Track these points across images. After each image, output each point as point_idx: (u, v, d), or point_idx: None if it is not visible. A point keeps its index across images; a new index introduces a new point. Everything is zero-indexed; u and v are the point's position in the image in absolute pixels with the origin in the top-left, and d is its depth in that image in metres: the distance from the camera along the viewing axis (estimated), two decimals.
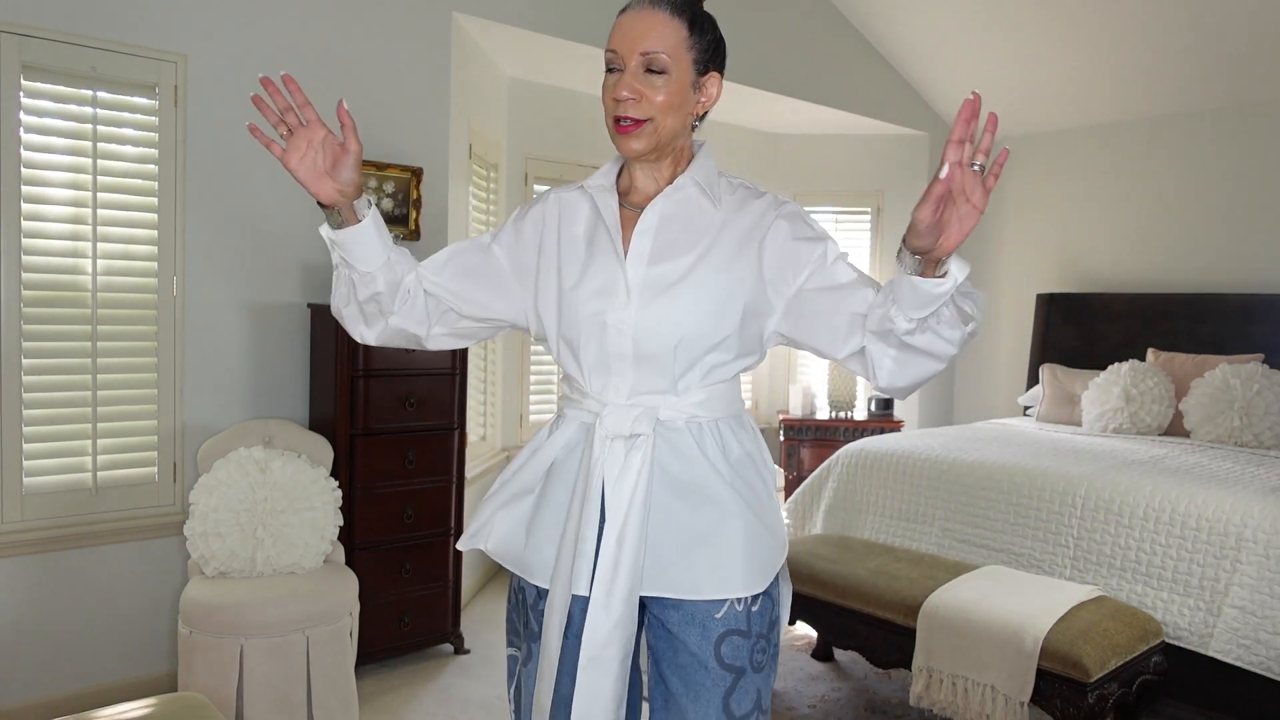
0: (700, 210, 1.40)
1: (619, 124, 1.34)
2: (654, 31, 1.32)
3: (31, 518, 2.81)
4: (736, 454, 1.40)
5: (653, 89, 1.33)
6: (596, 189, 1.43)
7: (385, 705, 3.03)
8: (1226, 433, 4.01)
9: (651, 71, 1.33)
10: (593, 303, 1.36)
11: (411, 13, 3.54)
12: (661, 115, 1.34)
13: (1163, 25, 4.32)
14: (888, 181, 5.76)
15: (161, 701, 1.83)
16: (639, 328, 1.34)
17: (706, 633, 1.35)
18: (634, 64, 1.33)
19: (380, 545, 3.23)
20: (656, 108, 1.33)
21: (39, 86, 2.78)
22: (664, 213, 1.40)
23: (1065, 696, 2.43)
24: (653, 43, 1.32)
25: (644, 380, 1.35)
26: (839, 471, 3.95)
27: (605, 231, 1.40)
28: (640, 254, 1.36)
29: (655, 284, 1.35)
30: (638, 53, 1.32)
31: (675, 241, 1.38)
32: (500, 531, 1.46)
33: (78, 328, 2.87)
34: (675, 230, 1.39)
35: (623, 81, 1.33)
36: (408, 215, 3.53)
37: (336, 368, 3.14)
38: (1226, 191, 4.70)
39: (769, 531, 1.40)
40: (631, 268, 1.36)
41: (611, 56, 1.35)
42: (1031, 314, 5.43)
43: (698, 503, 1.36)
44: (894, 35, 5.14)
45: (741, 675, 1.37)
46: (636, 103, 1.33)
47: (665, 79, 1.33)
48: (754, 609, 1.38)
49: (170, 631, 3.08)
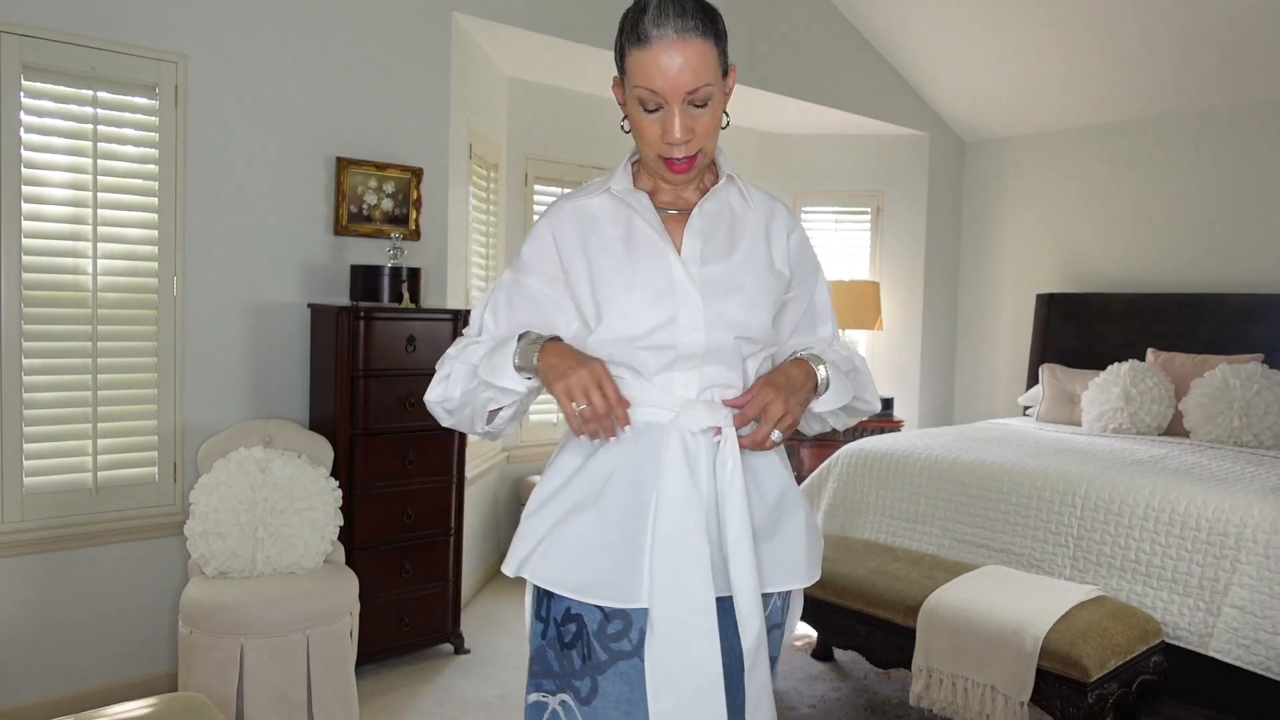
0: (734, 210, 1.42)
1: (672, 164, 1.32)
2: (694, 66, 1.26)
3: (31, 518, 2.81)
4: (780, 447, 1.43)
5: (699, 120, 1.30)
6: (624, 193, 1.40)
7: (385, 705, 3.03)
8: (1226, 433, 4.01)
9: (696, 105, 1.29)
10: (658, 304, 1.32)
11: (411, 13, 3.54)
12: (707, 141, 1.33)
13: (1163, 25, 4.32)
14: (888, 181, 5.76)
15: (161, 701, 1.83)
16: (709, 325, 1.33)
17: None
18: (680, 102, 1.27)
19: (380, 545, 3.23)
20: (704, 138, 1.31)
21: (39, 86, 2.78)
22: (706, 212, 1.40)
23: (1065, 696, 2.43)
24: (698, 77, 1.26)
25: (711, 375, 1.34)
26: (839, 471, 3.95)
27: (649, 234, 1.37)
28: (693, 253, 1.36)
29: (714, 282, 1.35)
30: (683, 91, 1.26)
31: (723, 240, 1.39)
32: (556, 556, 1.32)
33: (78, 328, 2.87)
34: (722, 229, 1.40)
35: (672, 124, 1.28)
36: (408, 215, 3.53)
37: (336, 368, 3.14)
38: (1227, 191, 4.70)
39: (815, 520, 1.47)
40: (691, 267, 1.35)
41: (649, 95, 1.28)
42: (1031, 314, 5.44)
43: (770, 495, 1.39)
44: (894, 35, 5.14)
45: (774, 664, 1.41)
46: (689, 142, 1.30)
47: (709, 106, 1.30)
48: (779, 605, 1.44)
49: (170, 631, 3.08)
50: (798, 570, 1.40)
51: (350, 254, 3.43)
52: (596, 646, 1.32)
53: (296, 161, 3.30)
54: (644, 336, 1.32)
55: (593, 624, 1.32)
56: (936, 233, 5.76)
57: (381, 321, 3.17)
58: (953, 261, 5.90)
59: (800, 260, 1.47)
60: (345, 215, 3.39)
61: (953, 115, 5.65)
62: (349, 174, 3.38)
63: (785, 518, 1.40)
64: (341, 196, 3.37)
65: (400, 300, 3.25)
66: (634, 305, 1.32)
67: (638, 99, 1.29)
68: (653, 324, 1.32)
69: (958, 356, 5.95)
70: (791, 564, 1.39)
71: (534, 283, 1.40)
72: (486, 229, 4.33)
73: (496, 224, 4.45)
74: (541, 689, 1.36)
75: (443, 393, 1.39)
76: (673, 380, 1.34)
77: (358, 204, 3.41)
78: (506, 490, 4.65)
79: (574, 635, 1.33)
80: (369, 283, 3.24)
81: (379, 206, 3.46)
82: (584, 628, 1.32)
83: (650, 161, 1.35)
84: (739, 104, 5.02)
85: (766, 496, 1.39)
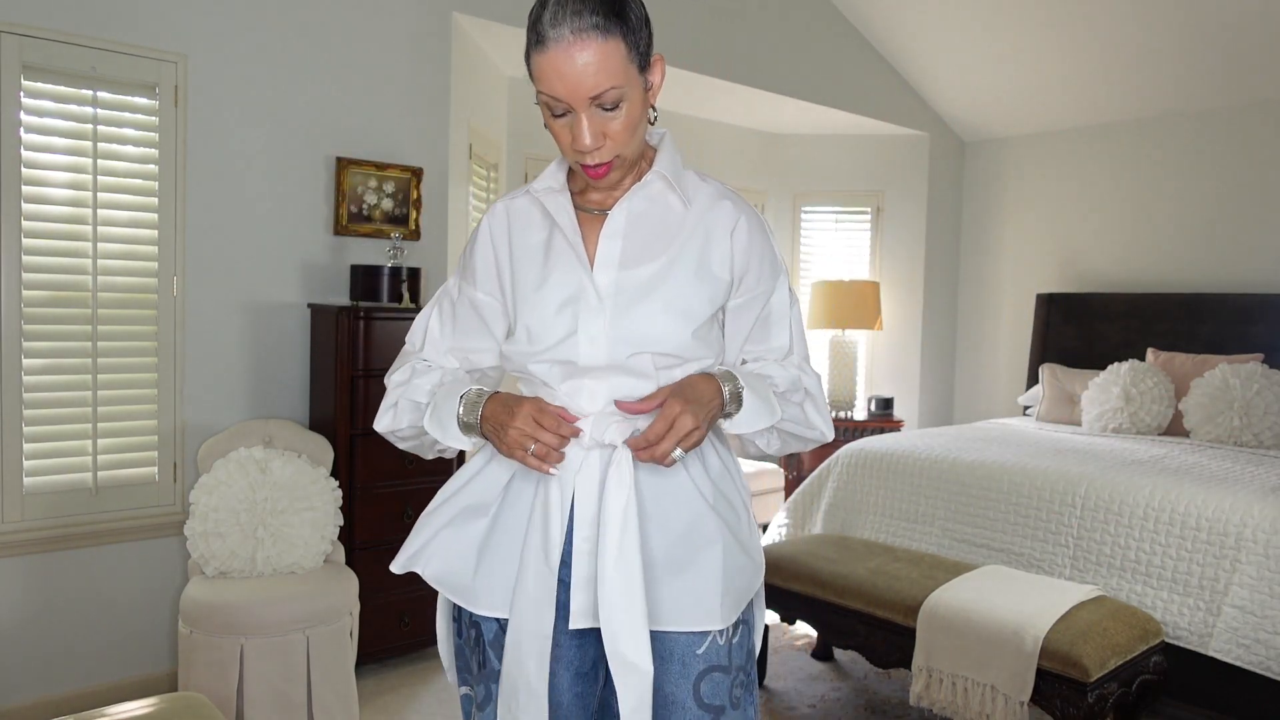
0: (669, 208, 1.31)
1: (588, 170, 1.24)
2: (594, 67, 1.15)
3: (31, 518, 2.81)
4: (716, 468, 1.33)
5: (611, 122, 1.20)
6: (544, 192, 1.33)
7: (385, 705, 3.03)
8: (1226, 432, 4.01)
9: (605, 108, 1.19)
10: (562, 314, 1.26)
11: (411, 13, 3.54)
12: (625, 143, 1.22)
13: (1162, 25, 4.32)
14: (888, 181, 5.76)
15: (161, 701, 1.83)
16: (614, 337, 1.24)
17: (686, 670, 1.26)
18: (586, 108, 1.18)
19: (380, 545, 3.22)
20: (619, 140, 1.21)
21: (39, 86, 2.78)
22: (632, 211, 1.30)
23: (1065, 696, 2.43)
24: (600, 81, 1.16)
25: (620, 387, 1.25)
26: (839, 471, 3.95)
27: (563, 238, 1.30)
28: (609, 258, 1.27)
29: (628, 290, 1.26)
30: (586, 98, 1.17)
31: (647, 243, 1.29)
32: (444, 555, 1.32)
33: (78, 328, 2.87)
34: (646, 231, 1.29)
35: (580, 130, 1.19)
36: (408, 215, 3.53)
37: (336, 368, 3.14)
38: (1227, 191, 4.70)
39: (746, 555, 1.32)
40: (601, 274, 1.26)
41: (552, 101, 1.19)
42: (1031, 314, 5.44)
43: (676, 525, 1.26)
44: (894, 35, 5.14)
45: (720, 715, 1.27)
46: (600, 148, 1.21)
47: (621, 108, 1.19)
48: (734, 640, 1.29)
49: (170, 631, 3.08)
50: (709, 610, 1.24)
51: (350, 254, 3.43)
52: (490, 655, 1.31)
53: (296, 161, 3.30)
54: (546, 351, 1.26)
55: (489, 633, 1.31)
56: (936, 233, 5.76)
57: (381, 321, 3.17)
58: (953, 261, 5.90)
59: (750, 260, 1.32)
60: (345, 215, 3.39)
61: (953, 115, 5.65)
62: (349, 174, 3.38)
63: (699, 551, 1.26)
64: (341, 196, 3.37)
65: (400, 300, 3.25)
66: (538, 318, 1.27)
67: (544, 103, 1.21)
68: (553, 338, 1.26)
69: (958, 356, 5.95)
70: (707, 602, 1.24)
71: (478, 295, 1.37)
72: None
73: None
74: (464, 682, 1.38)
75: (391, 423, 1.37)
76: (580, 389, 1.26)
77: (358, 204, 3.41)
78: None
79: (474, 640, 1.33)
80: (369, 283, 3.24)
81: (379, 206, 3.46)
82: (481, 635, 1.32)
83: (572, 165, 1.28)
84: (740, 104, 5.02)
85: (672, 525, 1.26)
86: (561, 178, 1.35)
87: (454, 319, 1.40)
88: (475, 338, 1.39)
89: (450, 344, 1.40)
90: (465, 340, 1.40)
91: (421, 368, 1.38)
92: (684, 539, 1.26)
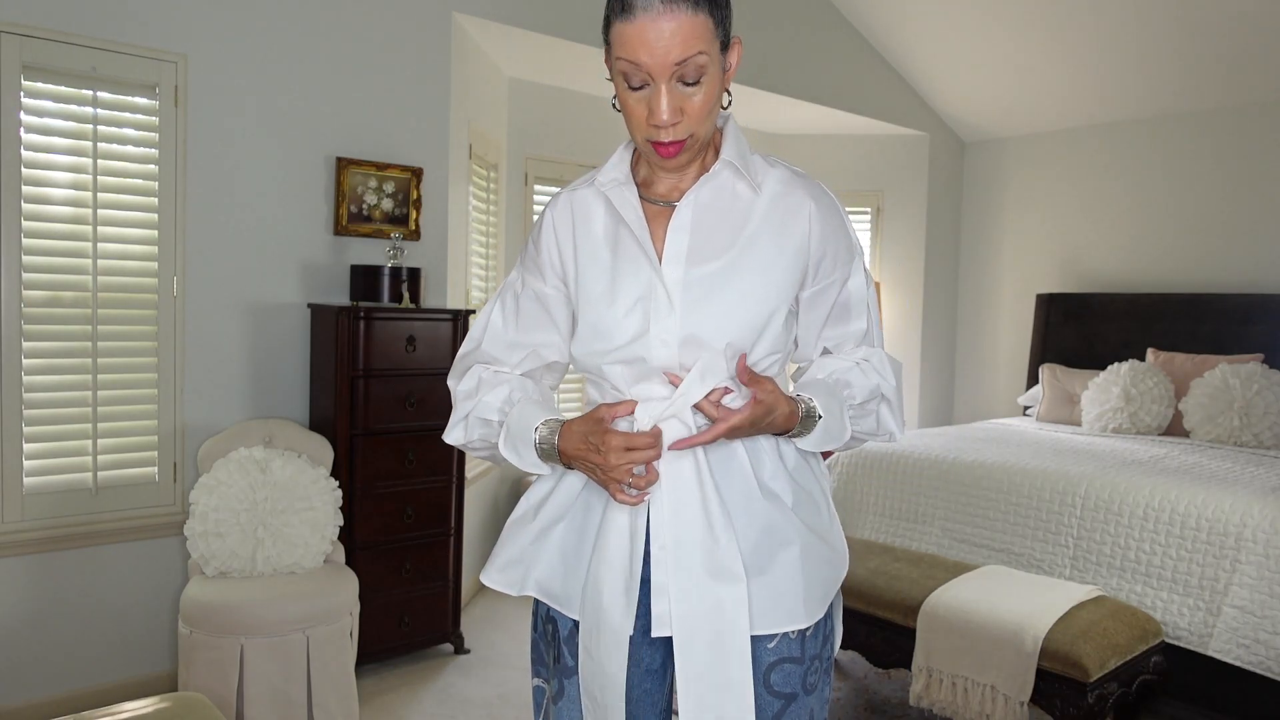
0: (738, 196, 1.27)
1: (659, 147, 1.20)
2: (682, 36, 1.13)
3: (31, 518, 2.81)
4: (793, 460, 1.30)
5: (691, 99, 1.17)
6: (610, 184, 1.28)
7: (385, 705, 3.03)
8: (1226, 433, 4.01)
9: (686, 83, 1.16)
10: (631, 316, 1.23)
11: (411, 13, 3.54)
12: (700, 124, 1.19)
13: (1162, 25, 4.32)
14: (888, 181, 5.76)
15: (161, 701, 1.83)
16: (685, 337, 1.21)
17: (756, 664, 1.24)
18: (667, 79, 1.15)
19: (380, 545, 3.23)
20: (695, 119, 1.18)
21: (39, 86, 2.78)
22: (699, 202, 1.26)
23: (1065, 696, 2.43)
24: (686, 49, 1.13)
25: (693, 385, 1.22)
26: (839, 471, 3.95)
27: (629, 232, 1.26)
28: (677, 253, 1.23)
29: (698, 285, 1.22)
30: (670, 65, 1.14)
31: (716, 235, 1.24)
32: (539, 568, 1.31)
33: (78, 328, 2.87)
34: (714, 221, 1.25)
35: (659, 103, 1.16)
36: (408, 215, 3.53)
37: (336, 368, 3.14)
38: (1226, 191, 4.70)
39: (829, 548, 1.29)
40: (669, 270, 1.22)
41: (632, 70, 1.16)
42: (1031, 314, 5.44)
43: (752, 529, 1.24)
44: (894, 35, 5.14)
45: (792, 701, 1.25)
46: (677, 124, 1.18)
47: (701, 83, 1.17)
48: (808, 634, 1.27)
49: (170, 631, 3.08)
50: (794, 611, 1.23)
51: (350, 254, 3.43)
52: (565, 652, 1.30)
53: (296, 161, 3.30)
54: (617, 350, 1.23)
55: (564, 629, 1.31)
56: (936, 233, 5.77)
57: (381, 321, 3.17)
58: (953, 261, 5.90)
59: (825, 246, 1.28)
60: (345, 215, 3.39)
61: (953, 115, 5.65)
62: (349, 174, 3.38)
63: (778, 552, 1.24)
64: (341, 196, 3.37)
65: (400, 300, 3.25)
66: (608, 317, 1.24)
67: (621, 73, 1.17)
68: (624, 337, 1.23)
69: (958, 356, 5.95)
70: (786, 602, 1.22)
71: (543, 288, 1.34)
72: (487, 229, 4.33)
73: (497, 224, 4.45)
74: (538, 674, 1.38)
75: (462, 436, 1.34)
76: (653, 391, 1.23)
77: (358, 204, 3.41)
78: (506, 490, 4.65)
79: (550, 635, 1.33)
80: (369, 283, 3.24)
81: (379, 206, 3.46)
82: (558, 630, 1.31)
83: (640, 145, 1.23)
84: (740, 104, 5.02)
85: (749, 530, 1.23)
86: (625, 168, 1.30)
87: (517, 312, 1.36)
88: (540, 331, 1.36)
89: (513, 338, 1.36)
90: (529, 335, 1.36)
91: (488, 378, 1.34)
92: (762, 541, 1.23)
